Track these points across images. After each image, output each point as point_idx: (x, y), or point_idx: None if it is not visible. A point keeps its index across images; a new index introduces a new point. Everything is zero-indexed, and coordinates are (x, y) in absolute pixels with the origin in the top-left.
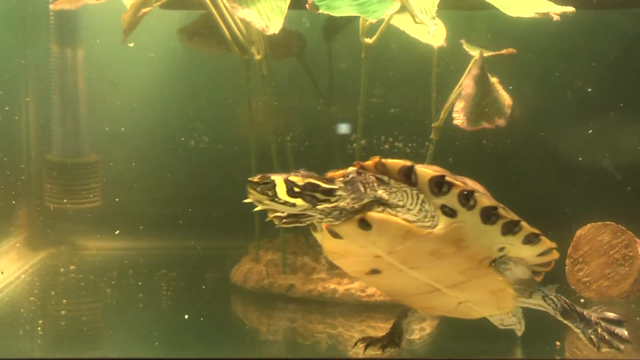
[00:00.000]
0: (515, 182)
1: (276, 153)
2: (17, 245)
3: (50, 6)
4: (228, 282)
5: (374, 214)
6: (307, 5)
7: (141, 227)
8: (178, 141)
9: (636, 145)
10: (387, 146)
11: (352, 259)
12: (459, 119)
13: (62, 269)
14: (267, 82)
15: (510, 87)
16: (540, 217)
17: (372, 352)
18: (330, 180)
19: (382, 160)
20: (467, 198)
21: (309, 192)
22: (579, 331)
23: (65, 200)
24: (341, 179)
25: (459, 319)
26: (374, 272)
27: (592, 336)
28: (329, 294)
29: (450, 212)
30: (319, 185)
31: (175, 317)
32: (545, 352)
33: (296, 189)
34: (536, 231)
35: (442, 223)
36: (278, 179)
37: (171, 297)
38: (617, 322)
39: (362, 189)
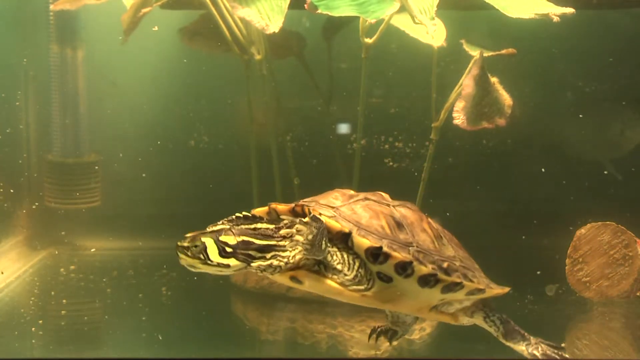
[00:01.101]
0: (516, 182)
1: (276, 153)
2: (17, 245)
3: (51, 6)
4: (228, 282)
5: (305, 274)
6: (306, 5)
7: (142, 227)
8: (178, 141)
9: (637, 144)
10: (387, 146)
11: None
12: (459, 118)
13: (62, 269)
14: (267, 82)
15: (510, 87)
16: (540, 217)
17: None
18: (266, 236)
19: (322, 217)
20: (403, 268)
21: (242, 251)
22: (523, 349)
23: (65, 200)
24: (302, 222)
25: None
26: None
27: (535, 352)
28: None
29: (386, 279)
30: (252, 243)
31: (175, 317)
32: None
33: (228, 249)
34: (480, 287)
35: (377, 287)
36: (208, 241)
37: (171, 297)
38: (557, 347)
39: (324, 245)
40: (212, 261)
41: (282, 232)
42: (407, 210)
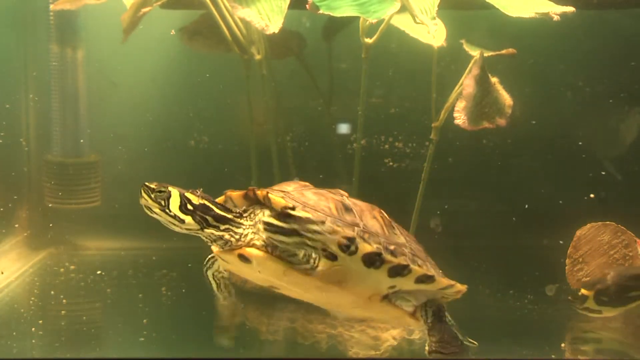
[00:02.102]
0: (516, 182)
1: (276, 153)
2: (17, 245)
3: (51, 6)
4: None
5: (252, 252)
6: (307, 6)
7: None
8: (178, 141)
9: (637, 144)
10: (387, 146)
11: (247, 276)
12: (460, 118)
13: (62, 269)
14: (267, 82)
15: (510, 87)
16: (540, 217)
17: None
18: (226, 209)
19: (269, 194)
20: (347, 245)
21: (200, 213)
22: (426, 349)
23: (65, 200)
24: (240, 209)
25: (459, 320)
26: (272, 287)
27: (433, 354)
28: None
29: (331, 256)
30: (212, 209)
31: (175, 317)
32: (547, 353)
33: (189, 207)
34: (430, 273)
35: (323, 265)
36: (174, 191)
37: (171, 297)
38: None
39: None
40: (170, 211)
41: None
42: (359, 201)
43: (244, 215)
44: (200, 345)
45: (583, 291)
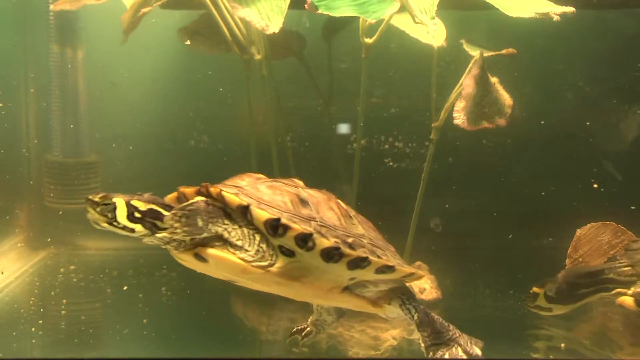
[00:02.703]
0: (516, 182)
1: (276, 153)
2: (17, 245)
3: (51, 6)
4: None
5: (208, 251)
6: (306, 5)
7: None
8: (178, 141)
9: (637, 144)
10: (387, 146)
11: (205, 272)
12: (460, 118)
13: (62, 269)
14: (267, 82)
15: (510, 87)
16: (540, 217)
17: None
18: (172, 208)
19: (222, 192)
20: (304, 241)
21: (149, 219)
22: (422, 347)
23: (65, 200)
24: (183, 206)
25: (459, 320)
26: (234, 282)
27: (431, 353)
28: None
29: (288, 253)
30: (161, 213)
31: (175, 317)
32: (546, 353)
33: (137, 214)
34: (390, 263)
35: (281, 262)
36: (119, 202)
37: (171, 297)
38: (470, 355)
39: (200, 222)
40: (118, 222)
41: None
42: (315, 192)
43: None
44: (200, 345)
45: (534, 289)
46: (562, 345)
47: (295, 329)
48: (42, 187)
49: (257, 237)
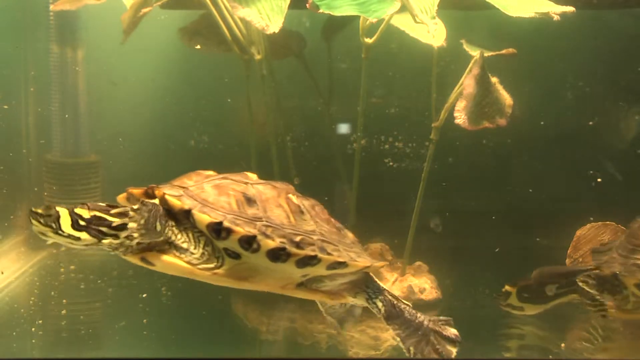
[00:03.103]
0: (516, 182)
1: (276, 153)
2: (17, 245)
3: (51, 6)
4: None
5: (154, 255)
6: (307, 5)
7: None
8: (178, 141)
9: (636, 144)
10: (387, 146)
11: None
12: (460, 118)
13: (62, 269)
14: (267, 82)
15: (510, 87)
16: (540, 217)
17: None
18: (121, 214)
19: (165, 195)
20: (248, 243)
21: (94, 226)
22: (398, 339)
23: (65, 200)
24: (133, 210)
25: (459, 320)
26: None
27: (411, 348)
28: None
29: (233, 255)
30: (105, 220)
31: (175, 317)
32: (547, 353)
33: (82, 222)
34: (340, 259)
35: (227, 264)
36: (63, 211)
37: (171, 297)
38: (450, 340)
39: (158, 227)
40: (63, 232)
41: (117, 220)
42: (265, 188)
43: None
44: (200, 345)
45: (507, 287)
46: (562, 345)
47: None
48: (42, 187)
49: (202, 240)
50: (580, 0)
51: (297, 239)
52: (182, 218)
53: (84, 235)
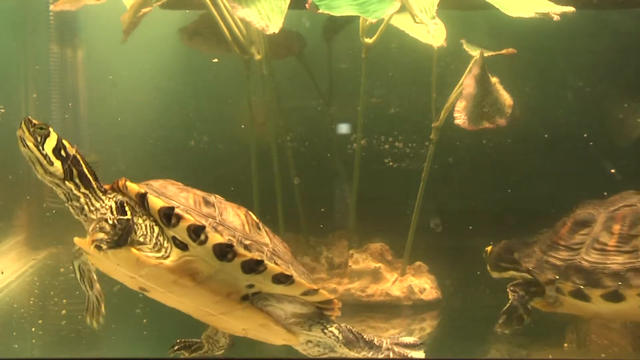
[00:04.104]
0: (516, 182)
1: (276, 153)
2: (17, 245)
3: (51, 6)
4: None
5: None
6: (307, 5)
7: None
8: (178, 141)
9: (637, 143)
10: (387, 146)
11: (113, 273)
12: (460, 118)
13: (62, 269)
14: (267, 82)
15: (511, 87)
16: (540, 217)
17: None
18: (93, 174)
19: (126, 182)
20: (196, 233)
21: (70, 164)
22: (368, 356)
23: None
24: (111, 194)
25: (459, 320)
26: (142, 290)
27: None
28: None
29: (181, 245)
30: (81, 165)
31: (175, 317)
32: (547, 353)
33: (63, 153)
34: (288, 273)
35: (174, 255)
36: (53, 133)
37: None
38: (413, 346)
39: (122, 243)
40: (43, 149)
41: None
42: (230, 204)
43: (107, 194)
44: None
45: (489, 247)
46: (565, 345)
47: (182, 342)
48: (42, 187)
49: (156, 230)
50: (580, 0)
51: (247, 242)
52: (140, 209)
53: (58, 163)
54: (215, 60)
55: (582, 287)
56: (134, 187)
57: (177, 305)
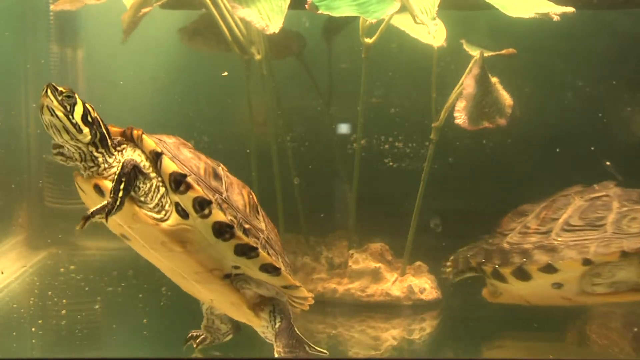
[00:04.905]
0: (516, 182)
1: (276, 153)
2: (17, 245)
3: (51, 6)
4: None
5: (107, 184)
6: (307, 5)
7: None
8: None
9: (637, 143)
10: (387, 146)
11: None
12: (461, 118)
13: (62, 269)
14: (267, 82)
15: (511, 87)
16: None
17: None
18: (108, 132)
19: (143, 135)
20: (201, 206)
21: (95, 127)
22: (276, 355)
23: (65, 200)
24: (121, 150)
25: (458, 320)
26: (123, 236)
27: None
28: (329, 294)
29: (182, 213)
30: (102, 127)
31: (175, 317)
32: (547, 353)
33: (89, 118)
34: (277, 265)
35: (173, 220)
36: (80, 102)
37: (171, 297)
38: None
39: (128, 189)
40: (73, 118)
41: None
42: (234, 178)
43: (118, 148)
44: (200, 345)
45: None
46: (565, 345)
47: (189, 335)
48: (42, 187)
49: (161, 191)
50: (581, 0)
51: (246, 226)
52: (151, 162)
53: (86, 130)
54: (225, 74)
55: (497, 266)
56: (150, 143)
57: (152, 260)
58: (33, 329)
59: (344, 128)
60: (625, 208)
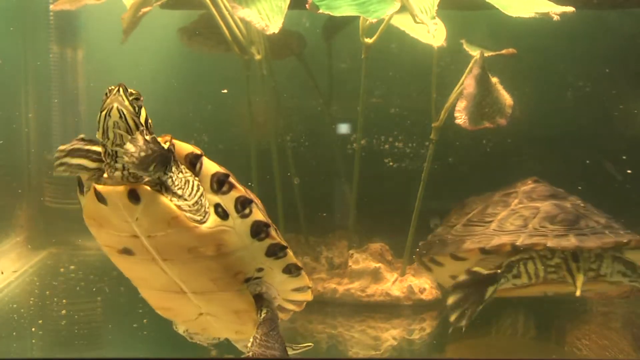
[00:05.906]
0: (516, 182)
1: (276, 153)
2: (17, 245)
3: (51, 6)
4: None
5: (148, 188)
6: (307, 5)
7: None
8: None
9: (637, 143)
10: (387, 146)
11: (108, 230)
12: (461, 118)
13: (62, 269)
14: (267, 82)
15: (511, 87)
16: None
17: None
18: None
19: (173, 140)
20: (243, 205)
21: (147, 130)
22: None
23: (65, 200)
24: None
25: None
26: (126, 251)
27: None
28: (329, 294)
29: (222, 214)
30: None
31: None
32: (547, 353)
33: (150, 122)
34: (300, 264)
35: (211, 222)
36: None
37: None
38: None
39: (151, 167)
40: (139, 120)
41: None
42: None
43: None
44: (199, 345)
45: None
46: (565, 345)
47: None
48: (42, 187)
49: (200, 190)
50: (581, 0)
51: (274, 226)
52: (186, 165)
53: (137, 133)
54: (224, 91)
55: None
56: (187, 147)
57: (146, 276)
58: (33, 329)
59: (344, 128)
60: (521, 205)
